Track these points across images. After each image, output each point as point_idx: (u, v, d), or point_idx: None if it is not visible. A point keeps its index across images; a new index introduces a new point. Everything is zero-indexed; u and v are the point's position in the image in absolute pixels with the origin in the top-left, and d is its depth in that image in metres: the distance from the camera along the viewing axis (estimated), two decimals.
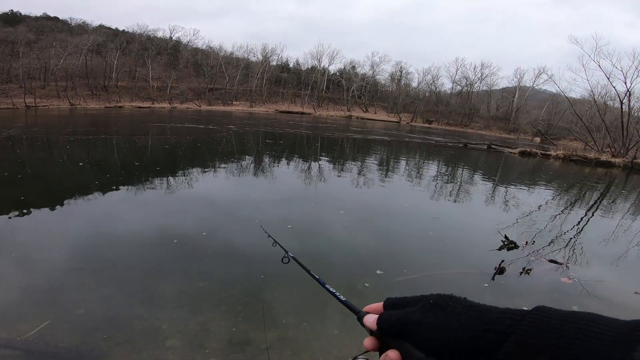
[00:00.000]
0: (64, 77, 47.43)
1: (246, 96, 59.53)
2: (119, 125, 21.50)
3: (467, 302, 0.45)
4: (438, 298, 0.46)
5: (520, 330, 0.37)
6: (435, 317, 0.44)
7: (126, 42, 57.78)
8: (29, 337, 2.66)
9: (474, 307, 0.43)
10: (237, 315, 3.13)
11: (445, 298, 0.46)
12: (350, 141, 21.93)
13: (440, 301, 0.45)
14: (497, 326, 0.39)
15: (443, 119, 61.15)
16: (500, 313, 0.41)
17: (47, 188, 7.16)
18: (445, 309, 0.44)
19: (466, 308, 0.43)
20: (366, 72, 67.69)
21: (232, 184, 8.29)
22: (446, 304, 0.45)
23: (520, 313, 0.39)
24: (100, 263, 3.98)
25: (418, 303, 0.47)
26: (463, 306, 0.44)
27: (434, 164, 15.70)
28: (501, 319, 0.39)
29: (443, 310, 0.44)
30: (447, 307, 0.44)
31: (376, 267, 4.21)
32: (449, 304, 0.45)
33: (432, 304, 0.45)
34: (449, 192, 9.39)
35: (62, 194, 6.72)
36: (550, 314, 0.37)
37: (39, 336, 2.67)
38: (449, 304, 0.45)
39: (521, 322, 0.38)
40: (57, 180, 7.81)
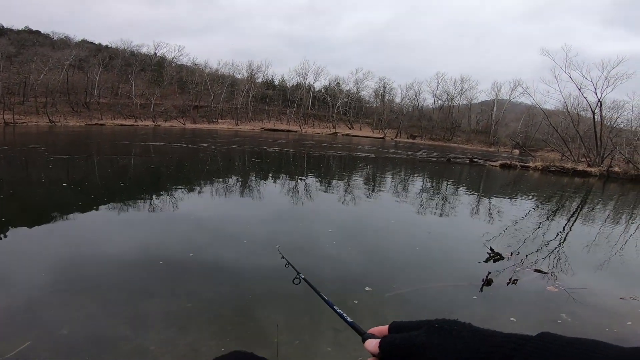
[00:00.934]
0: (44, 92, 46.43)
1: (232, 114, 59.56)
2: (101, 144, 21.09)
3: (472, 326, 0.46)
4: (443, 322, 0.48)
5: (523, 355, 0.38)
6: (440, 339, 0.45)
7: (109, 57, 57.21)
8: (9, 358, 2.54)
9: (478, 331, 0.44)
10: (226, 335, 3.07)
11: (450, 322, 0.48)
12: (337, 159, 22.16)
13: (445, 325, 0.47)
14: (501, 349, 0.40)
15: (426, 134, 62.69)
16: (505, 337, 0.42)
17: (27, 208, 6.91)
18: (451, 332, 0.45)
19: (471, 332, 0.45)
20: (351, 89, 69.24)
21: (218, 204, 8.21)
22: (451, 328, 0.46)
23: (524, 338, 0.40)
24: (83, 283, 3.85)
25: (422, 326, 0.49)
26: (468, 330, 0.45)
27: (419, 179, 16.00)
28: (505, 343, 0.40)
29: (448, 333, 0.45)
30: (452, 330, 0.45)
31: (365, 283, 4.21)
32: (454, 327, 0.46)
33: (437, 328, 0.46)
34: (434, 207, 9.56)
35: (42, 214, 6.50)
36: (553, 339, 0.38)
37: (20, 357, 2.57)
38: (453, 328, 0.46)
39: (525, 346, 0.38)
40: (38, 201, 7.56)
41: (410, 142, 54.23)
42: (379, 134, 61.54)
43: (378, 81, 71.09)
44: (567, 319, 3.68)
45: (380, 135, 60.90)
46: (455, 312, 3.74)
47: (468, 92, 66.91)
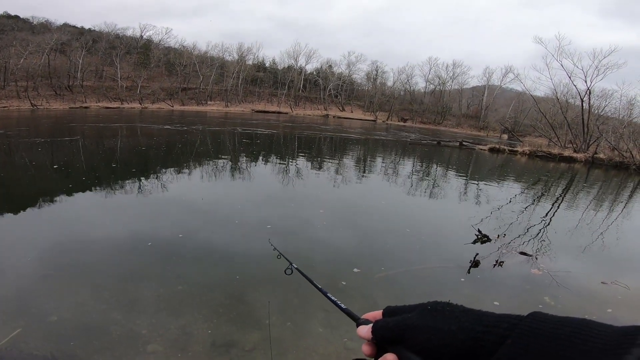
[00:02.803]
0: (24, 77, 44.64)
1: (221, 96, 58.32)
2: (85, 127, 20.49)
3: (465, 308, 0.46)
4: (435, 304, 0.48)
5: (517, 333, 0.38)
6: (433, 320, 0.45)
7: (92, 41, 54.98)
8: (0, 346, 2.53)
9: (472, 311, 0.45)
10: (218, 318, 3.10)
11: (442, 304, 0.47)
12: (328, 140, 22.05)
13: (437, 307, 0.47)
14: (495, 329, 0.40)
15: (417, 117, 62.68)
16: (498, 317, 0.42)
17: (12, 193, 6.74)
18: (443, 313, 0.45)
19: (464, 312, 0.45)
20: (343, 72, 68.19)
21: (208, 185, 8.14)
22: (444, 309, 0.46)
23: (517, 317, 0.41)
24: (72, 268, 3.82)
25: (415, 309, 0.49)
26: (461, 310, 0.45)
27: (409, 162, 16.09)
28: (499, 322, 0.41)
29: (441, 314, 0.45)
30: (444, 311, 0.45)
31: (354, 265, 4.29)
32: (447, 309, 0.46)
33: (429, 310, 0.47)
34: (424, 189, 9.67)
35: (27, 198, 6.35)
36: (545, 318, 0.39)
37: (11, 344, 2.56)
38: (446, 309, 0.46)
39: (518, 325, 0.39)
40: (23, 185, 7.37)
41: (401, 125, 54.22)
42: (370, 117, 61.22)
43: (370, 64, 70.09)
44: (550, 302, 3.81)
45: (371, 117, 60.60)
46: (444, 294, 3.85)
47: (460, 77, 66.67)
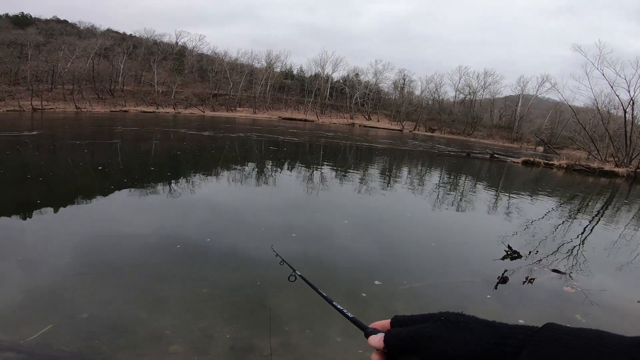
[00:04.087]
0: (71, 80, 47.92)
1: (250, 102, 59.89)
2: (124, 130, 21.67)
3: (479, 318, 0.46)
4: (448, 315, 0.47)
5: (533, 344, 0.38)
6: (447, 331, 0.45)
7: (133, 46, 58.30)
8: (32, 341, 2.66)
9: (486, 322, 0.45)
10: (239, 322, 3.14)
11: (455, 315, 0.47)
12: (353, 149, 21.98)
13: (451, 317, 0.47)
14: (510, 340, 0.40)
15: (446, 128, 61.25)
16: (513, 328, 0.42)
17: (52, 191, 7.21)
18: (458, 325, 0.45)
19: (479, 323, 0.45)
20: (369, 80, 68.14)
21: (235, 191, 8.33)
22: (458, 320, 0.46)
23: (532, 329, 0.41)
24: (104, 267, 4.01)
25: (427, 320, 0.48)
26: (475, 322, 0.45)
27: (436, 173, 15.71)
28: (514, 334, 0.41)
29: (456, 326, 0.45)
30: (459, 322, 0.45)
31: (375, 277, 4.21)
32: (461, 320, 0.46)
33: (443, 320, 0.46)
34: (452, 202, 9.39)
35: (67, 197, 6.78)
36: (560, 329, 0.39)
37: (42, 340, 2.68)
38: (460, 320, 0.46)
39: (533, 336, 0.39)
40: (62, 184, 7.88)
41: (428, 135, 53.16)
42: (396, 126, 60.55)
43: (398, 73, 69.59)
44: (581, 320, 3.62)
45: (398, 127, 59.91)
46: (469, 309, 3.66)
47: (492, 87, 64.70)
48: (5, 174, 8.32)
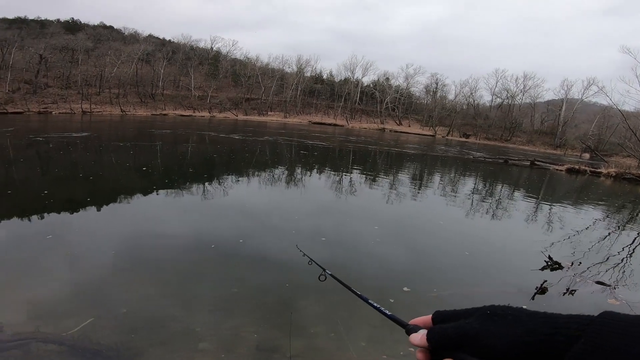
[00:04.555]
0: (117, 84, 51.29)
1: (281, 107, 61.00)
2: (164, 133, 22.82)
3: (528, 310, 0.44)
4: (495, 308, 0.46)
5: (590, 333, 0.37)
6: (496, 325, 0.43)
7: (172, 52, 61.42)
8: (73, 333, 2.83)
9: (537, 314, 0.43)
10: (267, 322, 3.17)
11: (502, 308, 0.46)
12: (384, 155, 21.67)
13: (498, 310, 0.45)
14: (565, 330, 0.39)
15: (481, 133, 58.91)
16: (567, 317, 0.40)
17: (99, 190, 7.71)
18: (506, 317, 0.43)
19: (529, 315, 0.43)
20: (400, 84, 67.11)
21: (267, 194, 8.48)
22: (505, 313, 0.44)
23: (588, 317, 0.39)
24: (144, 264, 4.21)
25: (471, 315, 0.47)
26: (525, 314, 0.43)
27: (471, 180, 15.10)
28: (569, 323, 0.39)
29: (504, 319, 0.43)
30: (507, 315, 0.44)
31: (404, 283, 4.13)
32: (508, 312, 0.44)
33: (489, 314, 0.45)
34: (487, 210, 8.97)
35: (112, 196, 7.22)
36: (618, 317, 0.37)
37: (82, 332, 2.84)
38: (508, 313, 0.44)
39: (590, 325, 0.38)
40: (109, 183, 8.41)
41: (463, 141, 51.36)
42: (429, 132, 59.10)
43: (430, 77, 67.98)
44: None
45: (430, 132, 58.46)
46: None
47: (532, 90, 61.45)
48: (60, 173, 9.04)
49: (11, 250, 4.40)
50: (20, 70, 47.01)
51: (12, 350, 2.57)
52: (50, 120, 28.89)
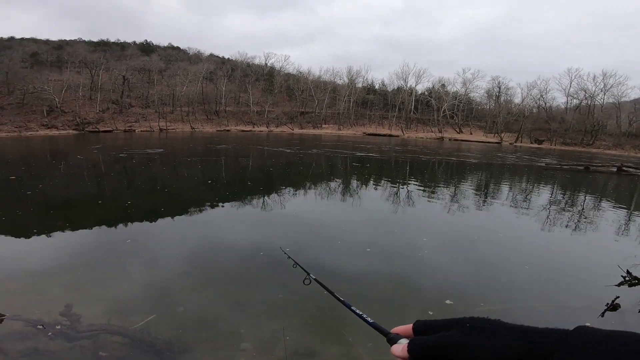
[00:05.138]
0: (186, 102, 56.62)
1: (334, 119, 61.83)
2: (227, 148, 24.63)
3: (507, 323, 0.44)
4: (474, 321, 0.46)
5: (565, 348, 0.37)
6: (477, 338, 0.43)
7: (231, 69, 65.95)
8: (137, 328, 3.20)
9: (515, 327, 0.43)
10: (306, 328, 3.23)
11: (482, 321, 0.46)
12: (443, 165, 20.67)
13: (478, 324, 0.45)
14: (542, 344, 0.39)
15: (557, 138, 53.14)
16: (544, 332, 0.41)
17: (172, 201, 8.61)
18: (486, 330, 0.44)
19: (508, 329, 0.43)
20: (458, 90, 63.84)
21: (319, 205, 8.66)
22: (485, 326, 0.44)
23: (564, 332, 0.39)
24: (204, 268, 4.63)
25: (452, 326, 0.47)
26: (505, 327, 0.43)
27: (542, 190, 13.65)
28: (545, 338, 0.40)
29: (484, 332, 0.44)
30: (486, 328, 0.44)
31: (447, 296, 3.93)
32: (488, 325, 0.44)
33: (470, 327, 0.45)
34: (558, 222, 8.03)
35: (182, 206, 8.03)
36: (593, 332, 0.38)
37: (145, 328, 3.20)
38: (487, 326, 0.44)
39: (565, 340, 0.38)
40: (180, 195, 9.35)
41: (534, 148, 46.78)
42: (493, 139, 55.02)
43: (490, 81, 63.54)
44: None
45: (495, 139, 54.38)
46: None
47: (614, 89, 53.94)
48: (141, 186, 10.32)
49: (97, 252, 5.13)
50: (108, 91, 54.36)
51: (84, 340, 2.98)
52: (134, 138, 33.03)
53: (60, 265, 4.57)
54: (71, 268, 4.50)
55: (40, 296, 3.72)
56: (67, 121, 46.14)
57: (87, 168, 13.99)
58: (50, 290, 3.85)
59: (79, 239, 5.71)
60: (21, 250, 5.15)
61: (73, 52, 56.94)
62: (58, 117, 46.29)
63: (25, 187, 9.44)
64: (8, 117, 43.83)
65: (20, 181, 10.33)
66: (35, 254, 4.96)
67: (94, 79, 53.07)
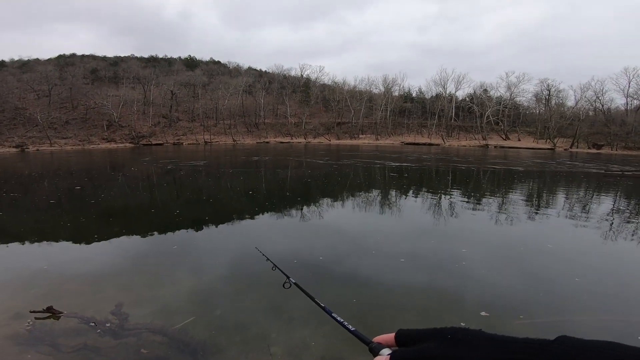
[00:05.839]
0: (228, 115, 59.38)
1: (371, 129, 61.36)
2: (267, 159, 25.48)
3: (487, 334, 0.44)
4: (455, 332, 0.47)
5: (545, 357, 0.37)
6: (456, 350, 0.44)
7: (268, 82, 68.15)
8: (177, 328, 3.41)
9: (495, 338, 0.43)
10: (336, 336, 3.24)
11: (463, 332, 0.46)
12: (488, 174, 19.63)
13: (458, 335, 0.46)
14: (521, 355, 0.39)
15: (618, 142, 48.31)
16: (524, 342, 0.41)
17: (217, 211, 9.08)
18: (466, 342, 0.44)
19: (487, 340, 0.43)
20: (502, 95, 60.58)
21: (355, 216, 8.64)
22: (465, 338, 0.45)
23: (544, 343, 0.39)
24: (242, 274, 4.82)
25: (434, 337, 0.48)
26: (484, 338, 0.44)
27: (603, 199, 12.47)
28: (525, 348, 0.40)
29: (464, 344, 0.44)
30: (466, 340, 0.44)
31: (483, 308, 3.75)
32: (468, 337, 0.45)
33: (450, 339, 0.46)
34: (615, 233, 7.29)
35: (226, 216, 8.45)
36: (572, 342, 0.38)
37: (184, 329, 3.41)
38: (467, 337, 0.45)
39: (544, 351, 0.38)
40: (224, 205, 9.85)
41: (593, 153, 42.84)
42: (545, 145, 51.31)
43: (538, 84, 59.64)
44: None
45: (547, 145, 50.68)
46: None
47: None
48: (190, 196, 11.02)
49: (148, 256, 5.58)
50: (158, 105, 58.58)
51: (129, 337, 3.24)
52: (182, 150, 35.34)
53: (116, 268, 5.02)
54: (125, 271, 4.92)
55: (95, 296, 4.11)
56: (124, 135, 50.62)
57: (142, 179, 15.22)
58: (105, 291, 4.24)
59: (133, 244, 6.24)
60: (83, 254, 5.72)
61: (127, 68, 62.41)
62: (116, 131, 50.97)
63: (89, 197, 10.50)
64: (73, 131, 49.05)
65: (84, 191, 11.51)
66: (94, 258, 5.50)
67: (146, 94, 57.60)
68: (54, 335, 3.28)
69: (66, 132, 48.79)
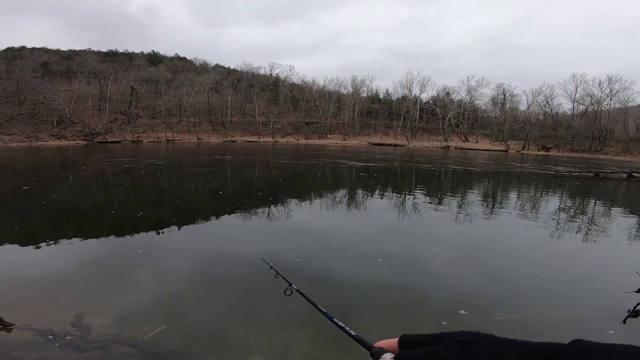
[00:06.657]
0: (192, 113, 57.04)
1: (339, 129, 61.91)
2: (234, 159, 24.77)
3: (498, 337, 0.43)
4: (464, 335, 0.45)
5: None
6: (465, 353, 0.42)
7: (236, 80, 66.26)
8: (147, 339, 3.17)
9: (506, 341, 0.42)
10: (318, 339, 3.18)
11: (472, 335, 0.44)
12: (449, 174, 20.54)
13: (467, 338, 0.44)
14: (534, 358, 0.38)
15: (564, 145, 52.68)
16: (536, 346, 0.39)
17: (181, 212, 8.63)
18: (475, 345, 0.43)
19: (498, 343, 0.42)
20: (463, 98, 63.75)
21: (325, 216, 8.63)
22: (474, 340, 0.43)
23: (558, 346, 0.38)
24: (214, 279, 4.61)
25: (440, 341, 0.46)
26: (494, 341, 0.42)
27: (553, 198, 13.48)
28: (538, 352, 0.38)
29: (474, 346, 0.43)
30: (476, 342, 0.43)
31: (462, 306, 3.86)
32: (478, 339, 0.43)
33: (459, 341, 0.44)
34: (573, 230, 7.90)
35: (191, 217, 8.05)
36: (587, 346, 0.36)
37: (155, 338, 3.17)
38: (477, 340, 0.43)
39: (558, 355, 0.37)
40: (189, 206, 9.38)
41: (542, 155, 46.36)
42: (500, 147, 54.69)
43: (495, 88, 63.43)
44: None
45: (501, 147, 54.06)
46: None
47: (621, 94, 53.56)
48: (155, 196, 10.40)
49: (109, 262, 5.15)
50: (116, 101, 54.97)
51: (94, 350, 2.97)
52: (141, 149, 33.41)
53: (72, 275, 4.58)
54: (83, 278, 4.51)
55: (51, 305, 3.72)
56: (76, 132, 46.94)
57: (97, 179, 14.16)
58: (61, 300, 3.85)
59: (91, 248, 5.75)
60: (34, 259, 5.18)
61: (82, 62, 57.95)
62: (67, 128, 47.13)
63: (38, 197, 9.57)
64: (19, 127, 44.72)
65: (32, 191, 10.48)
66: (47, 264, 4.99)
67: (103, 90, 53.88)
68: (7, 349, 2.92)
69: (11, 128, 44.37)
